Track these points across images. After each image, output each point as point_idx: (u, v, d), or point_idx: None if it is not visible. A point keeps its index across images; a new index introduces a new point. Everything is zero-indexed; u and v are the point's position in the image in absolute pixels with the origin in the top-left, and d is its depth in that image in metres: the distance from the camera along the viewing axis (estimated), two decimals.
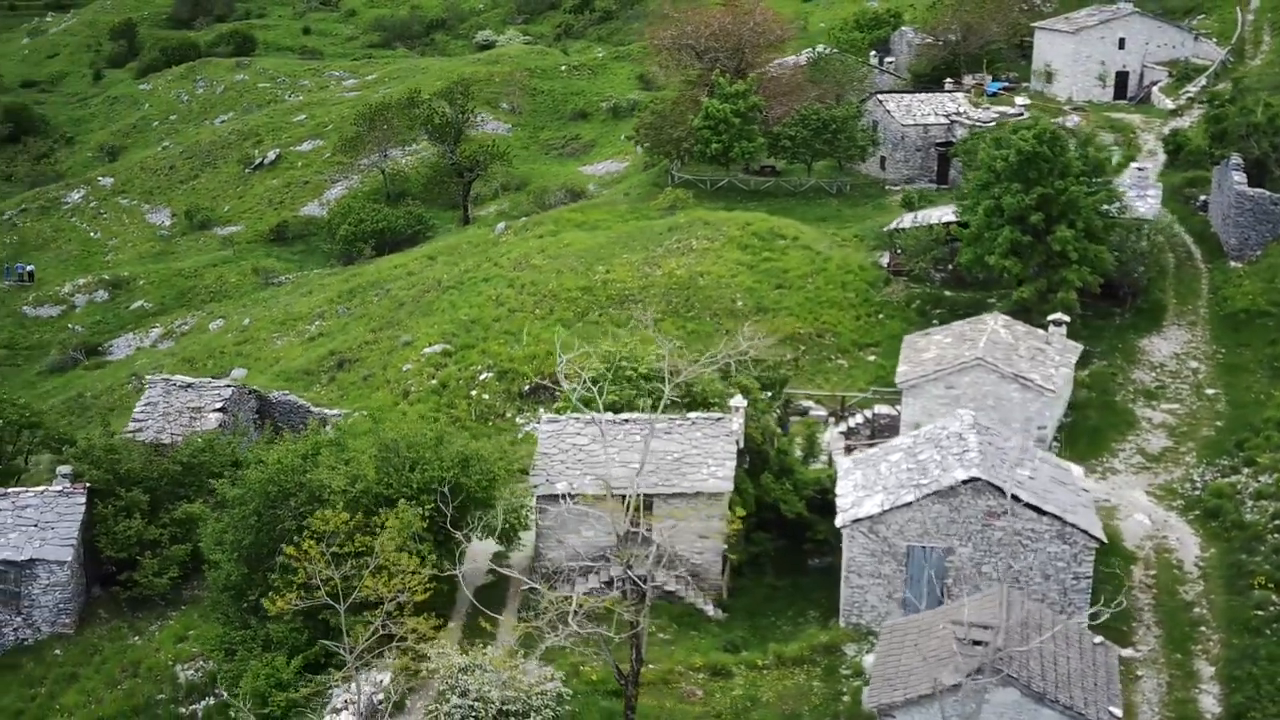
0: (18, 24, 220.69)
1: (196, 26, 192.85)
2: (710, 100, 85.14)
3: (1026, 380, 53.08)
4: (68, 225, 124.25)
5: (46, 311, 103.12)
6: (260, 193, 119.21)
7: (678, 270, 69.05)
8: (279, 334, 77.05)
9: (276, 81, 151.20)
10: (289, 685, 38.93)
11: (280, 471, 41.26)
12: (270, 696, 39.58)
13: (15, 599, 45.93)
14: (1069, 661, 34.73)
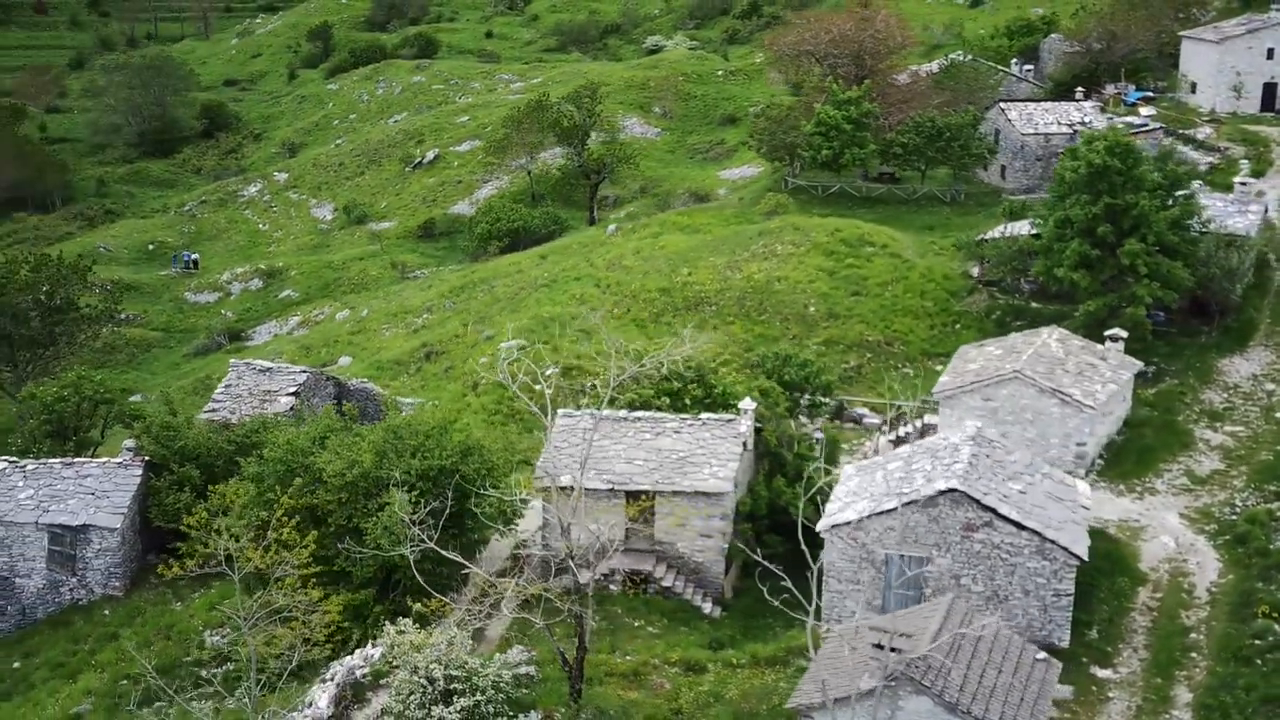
0: (231, 25, 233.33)
1: (390, 29, 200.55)
2: (823, 106, 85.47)
3: (1065, 395, 52.39)
4: (240, 217, 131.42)
5: (205, 298, 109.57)
6: (416, 191, 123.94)
7: (757, 274, 69.86)
8: (388, 325, 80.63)
9: (450, 83, 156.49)
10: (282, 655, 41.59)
11: (289, 453, 44.07)
12: (265, 665, 42.42)
13: (71, 561, 49.86)
14: (999, 675, 34.68)
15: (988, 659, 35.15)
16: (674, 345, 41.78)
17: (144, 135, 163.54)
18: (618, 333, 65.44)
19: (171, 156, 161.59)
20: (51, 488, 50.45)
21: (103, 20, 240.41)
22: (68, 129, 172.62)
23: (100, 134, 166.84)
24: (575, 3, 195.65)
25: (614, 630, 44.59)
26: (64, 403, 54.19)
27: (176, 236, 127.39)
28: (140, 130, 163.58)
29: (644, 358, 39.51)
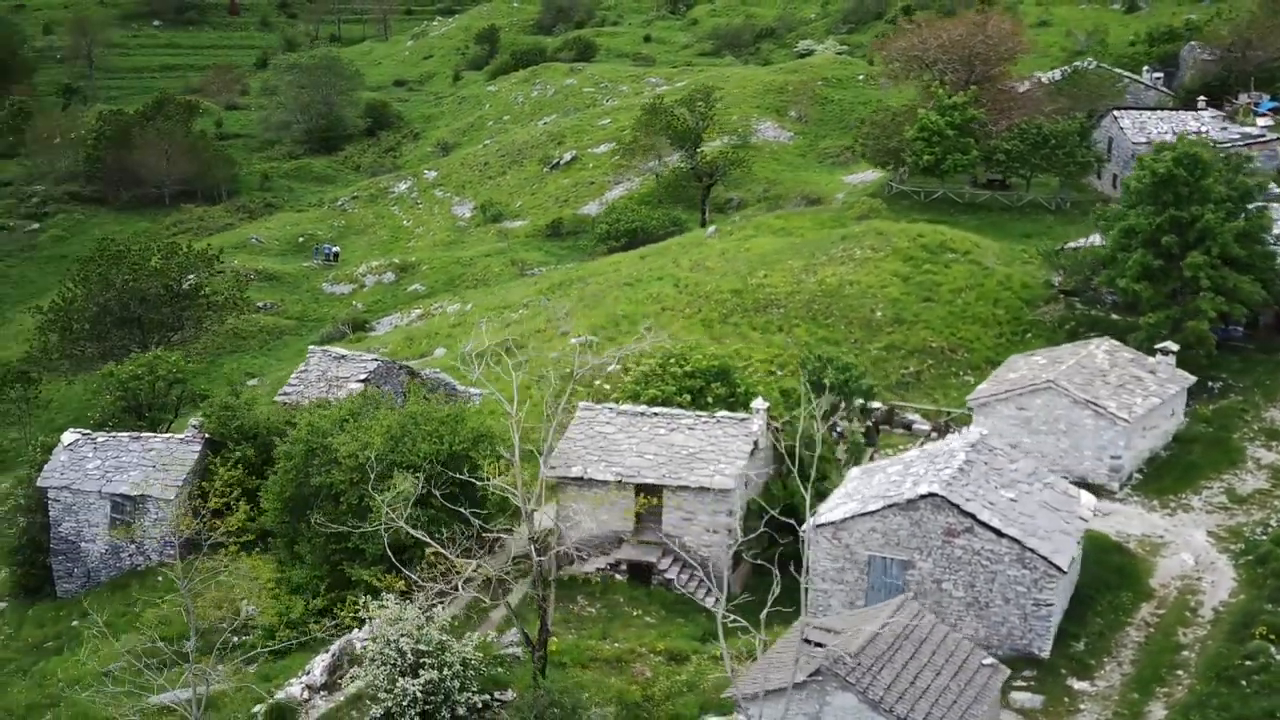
0: (410, 27, 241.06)
1: (555, 33, 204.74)
2: (926, 112, 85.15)
3: (1099, 407, 51.84)
4: (387, 213, 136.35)
5: (340, 289, 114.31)
6: (551, 191, 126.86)
7: (830, 278, 70.25)
8: (486, 318, 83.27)
9: (599, 86, 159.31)
10: (297, 624, 44.29)
11: (311, 434, 46.70)
12: (278, 633, 45.18)
13: (131, 529, 53.52)
14: (936, 677, 35.03)
15: (928, 661, 35.50)
16: (636, 340, 42.92)
17: (311, 133, 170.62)
18: (685, 332, 66.87)
19: (334, 154, 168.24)
20: (117, 459, 54.22)
21: (290, 21, 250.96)
22: (243, 125, 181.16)
23: (271, 131, 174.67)
24: (734, 7, 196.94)
25: (611, 618, 46.00)
26: (138, 381, 58.10)
27: (326, 230, 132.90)
28: (308, 128, 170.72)
29: (607, 353, 40.78)
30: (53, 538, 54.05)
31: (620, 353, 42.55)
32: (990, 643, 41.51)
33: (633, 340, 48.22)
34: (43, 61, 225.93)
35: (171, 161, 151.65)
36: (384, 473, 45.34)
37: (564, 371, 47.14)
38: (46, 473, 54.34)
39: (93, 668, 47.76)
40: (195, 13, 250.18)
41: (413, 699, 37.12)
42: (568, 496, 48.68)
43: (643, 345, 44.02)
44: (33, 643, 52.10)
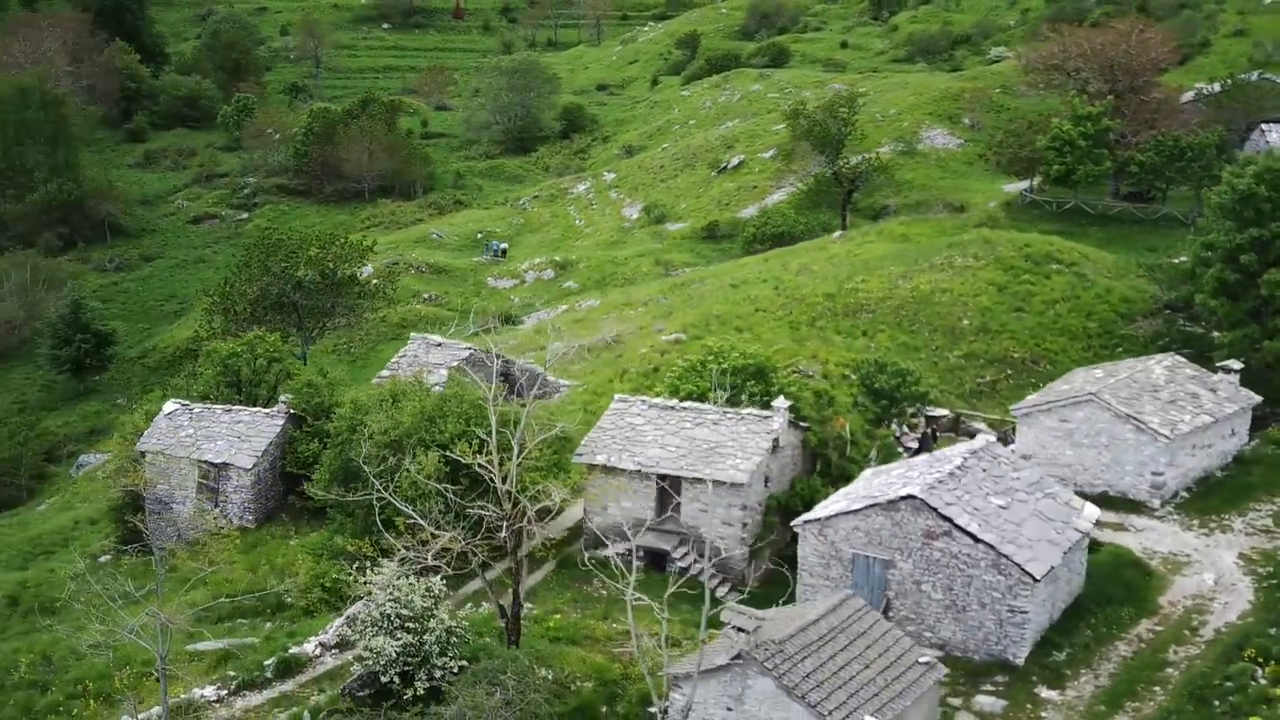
0: (620, 32, 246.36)
1: (757, 38, 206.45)
2: (1059, 121, 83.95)
3: (1141, 422, 51.16)
4: (563, 212, 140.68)
5: (503, 284, 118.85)
6: (714, 194, 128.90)
7: (924, 285, 70.42)
8: (607, 315, 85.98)
9: (784, 92, 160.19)
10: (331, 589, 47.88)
11: (354, 411, 50.18)
12: (309, 593, 48.87)
13: (214, 493, 58.11)
14: (864, 670, 35.96)
15: (859, 654, 36.45)
16: (590, 337, 44.60)
17: (508, 133, 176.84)
18: (771, 333, 68.17)
19: (528, 155, 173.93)
20: (208, 429, 58.91)
21: (510, 26, 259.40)
22: (447, 126, 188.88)
23: (472, 131, 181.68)
24: (935, 14, 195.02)
25: (618, 601, 47.94)
26: (237, 358, 62.78)
27: (504, 228, 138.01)
28: (505, 129, 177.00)
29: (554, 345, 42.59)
30: (147, 498, 59.07)
31: (575, 345, 44.34)
32: (967, 647, 42.05)
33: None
34: (277, 61, 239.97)
35: (373, 158, 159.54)
36: (414, 448, 48.68)
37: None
38: (145, 438, 59.48)
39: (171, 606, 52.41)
40: (421, 17, 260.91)
41: (390, 659, 39.84)
42: (594, 483, 50.89)
43: (598, 339, 45.58)
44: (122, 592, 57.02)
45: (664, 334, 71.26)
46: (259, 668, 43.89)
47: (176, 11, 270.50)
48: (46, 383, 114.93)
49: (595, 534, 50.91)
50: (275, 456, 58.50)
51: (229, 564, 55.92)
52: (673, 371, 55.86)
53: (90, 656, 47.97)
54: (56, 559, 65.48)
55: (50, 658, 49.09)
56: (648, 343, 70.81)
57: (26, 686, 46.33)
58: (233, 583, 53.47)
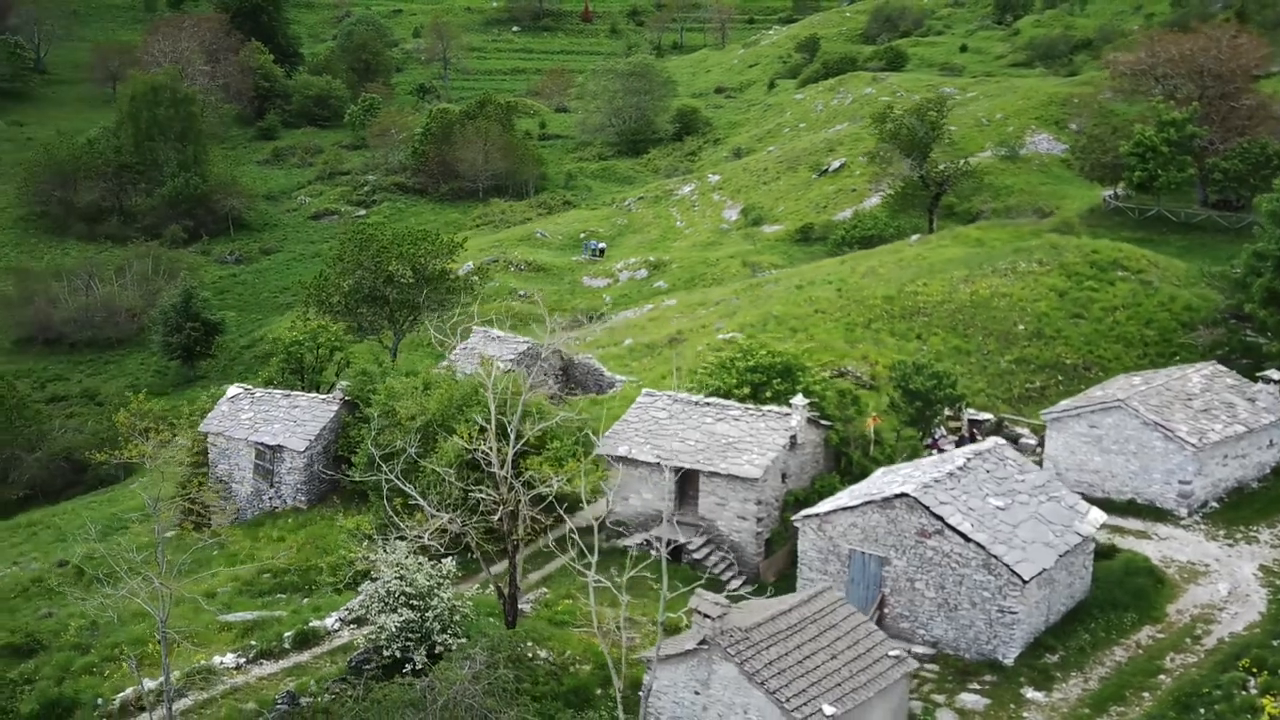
0: (745, 36, 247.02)
1: (878, 42, 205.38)
2: (1141, 127, 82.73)
3: (1168, 430, 50.67)
4: (666, 214, 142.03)
5: (598, 282, 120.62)
6: (813, 197, 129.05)
7: (984, 289, 70.19)
8: (679, 315, 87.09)
9: (895, 95, 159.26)
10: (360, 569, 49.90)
11: (389, 397, 52.17)
12: (340, 569, 50.97)
13: (269, 474, 60.67)
14: (830, 661, 36.58)
15: (827, 645, 37.09)
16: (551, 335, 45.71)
17: (622, 135, 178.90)
18: (826, 333, 68.65)
19: (640, 156, 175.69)
20: (267, 413, 61.51)
21: (637, 29, 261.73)
22: (564, 127, 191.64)
23: (586, 133, 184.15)
24: (1058, 18, 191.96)
25: (631, 588, 48.98)
26: (300, 346, 65.38)
27: (608, 228, 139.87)
28: (619, 131, 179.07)
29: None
30: (210, 477, 61.95)
31: (565, 337, 45.49)
32: (959, 645, 42.35)
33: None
34: (409, 62, 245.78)
35: (488, 158, 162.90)
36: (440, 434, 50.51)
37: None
38: (208, 420, 62.38)
39: (206, 589, 55.04)
40: (550, 20, 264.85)
41: (391, 634, 41.57)
42: (616, 473, 52.10)
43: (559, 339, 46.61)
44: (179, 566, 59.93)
45: (721, 333, 72.11)
46: (278, 639, 46.01)
47: (316, 13, 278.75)
48: (159, 368, 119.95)
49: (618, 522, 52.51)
50: (329, 441, 60.78)
51: (230, 539, 58.86)
52: (703, 368, 56.77)
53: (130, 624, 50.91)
54: (130, 533, 68.74)
55: (97, 623, 51.89)
56: (706, 340, 71.73)
57: (69, 649, 49.02)
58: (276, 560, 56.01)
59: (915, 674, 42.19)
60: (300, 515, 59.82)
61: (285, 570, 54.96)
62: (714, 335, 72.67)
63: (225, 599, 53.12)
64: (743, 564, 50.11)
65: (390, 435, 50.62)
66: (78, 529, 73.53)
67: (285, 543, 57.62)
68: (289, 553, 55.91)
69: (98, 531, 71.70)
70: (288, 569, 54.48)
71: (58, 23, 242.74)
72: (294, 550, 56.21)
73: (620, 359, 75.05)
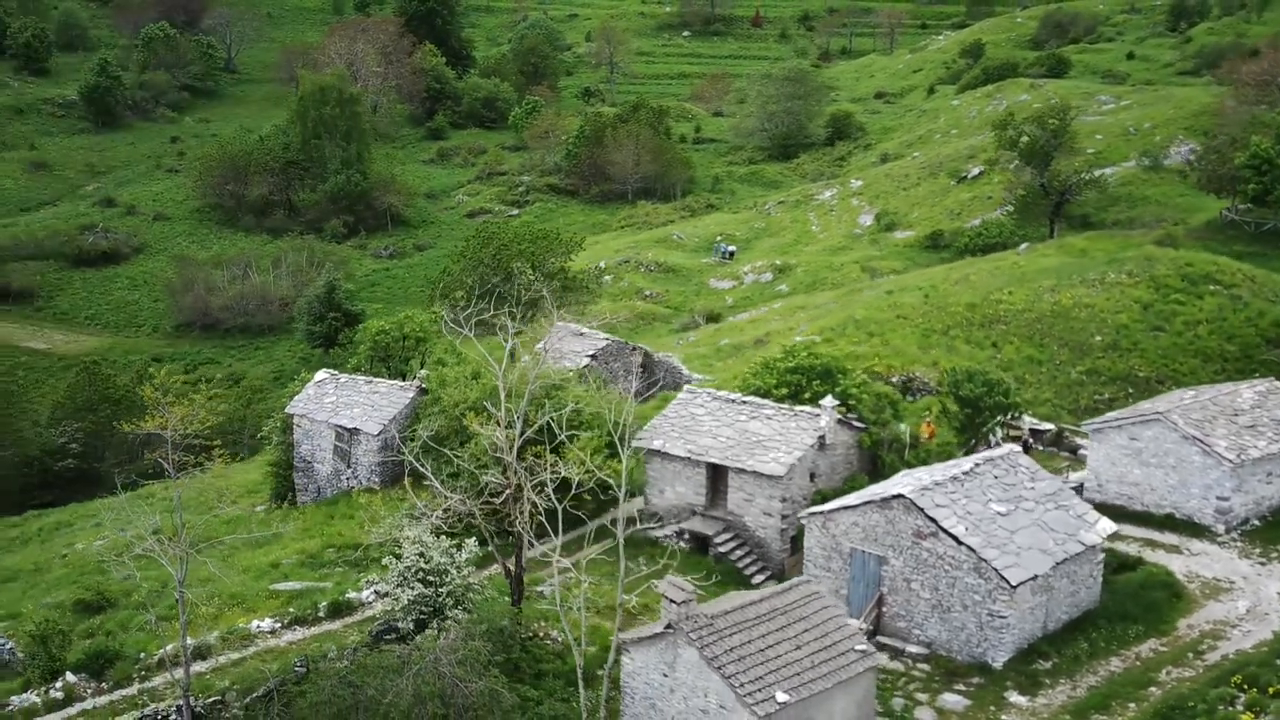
0: (914, 41, 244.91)
1: (1046, 48, 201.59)
2: (1258, 139, 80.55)
3: (1206, 445, 49.96)
4: (803, 218, 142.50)
5: (723, 285, 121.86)
6: (948, 204, 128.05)
7: (1067, 299, 69.57)
8: (779, 318, 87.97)
9: (1049, 103, 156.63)
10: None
11: (439, 385, 54.74)
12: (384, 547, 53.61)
13: (347, 456, 63.89)
14: (795, 651, 37.54)
15: (793, 636, 38.07)
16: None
17: (774, 140, 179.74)
18: (901, 339, 69.01)
19: (789, 161, 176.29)
20: (349, 398, 64.76)
21: (807, 35, 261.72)
22: (718, 131, 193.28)
23: (739, 137, 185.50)
24: (1233, 25, 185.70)
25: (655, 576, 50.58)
26: (385, 335, 68.55)
27: (746, 231, 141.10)
28: (771, 135, 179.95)
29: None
30: (295, 457, 65.52)
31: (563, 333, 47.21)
32: (951, 647, 42.82)
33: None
34: (579, 66, 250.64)
35: (639, 161, 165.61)
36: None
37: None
38: (294, 402, 65.96)
39: (274, 559, 58.51)
40: (721, 25, 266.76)
41: (405, 607, 44.00)
42: (652, 467, 53.74)
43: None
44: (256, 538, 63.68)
45: (800, 335, 72.95)
46: (313, 608, 48.90)
47: (496, 17, 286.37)
48: (304, 355, 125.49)
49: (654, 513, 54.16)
50: (403, 426, 63.61)
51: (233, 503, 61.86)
52: (748, 368, 57.92)
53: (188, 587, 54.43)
54: (234, 507, 72.95)
55: (164, 584, 55.69)
56: (786, 342, 72.61)
57: (133, 607, 52.83)
58: (342, 536, 59.16)
59: (906, 673, 42.94)
60: (374, 494, 62.75)
61: (349, 546, 58.05)
62: (788, 336, 73.50)
63: (287, 570, 56.48)
64: (767, 559, 51.13)
65: (434, 420, 53.06)
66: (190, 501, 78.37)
67: (353, 520, 60.71)
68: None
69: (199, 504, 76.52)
70: (353, 545, 57.52)
71: (250, 24, 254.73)
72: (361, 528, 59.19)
73: (706, 359, 76.50)
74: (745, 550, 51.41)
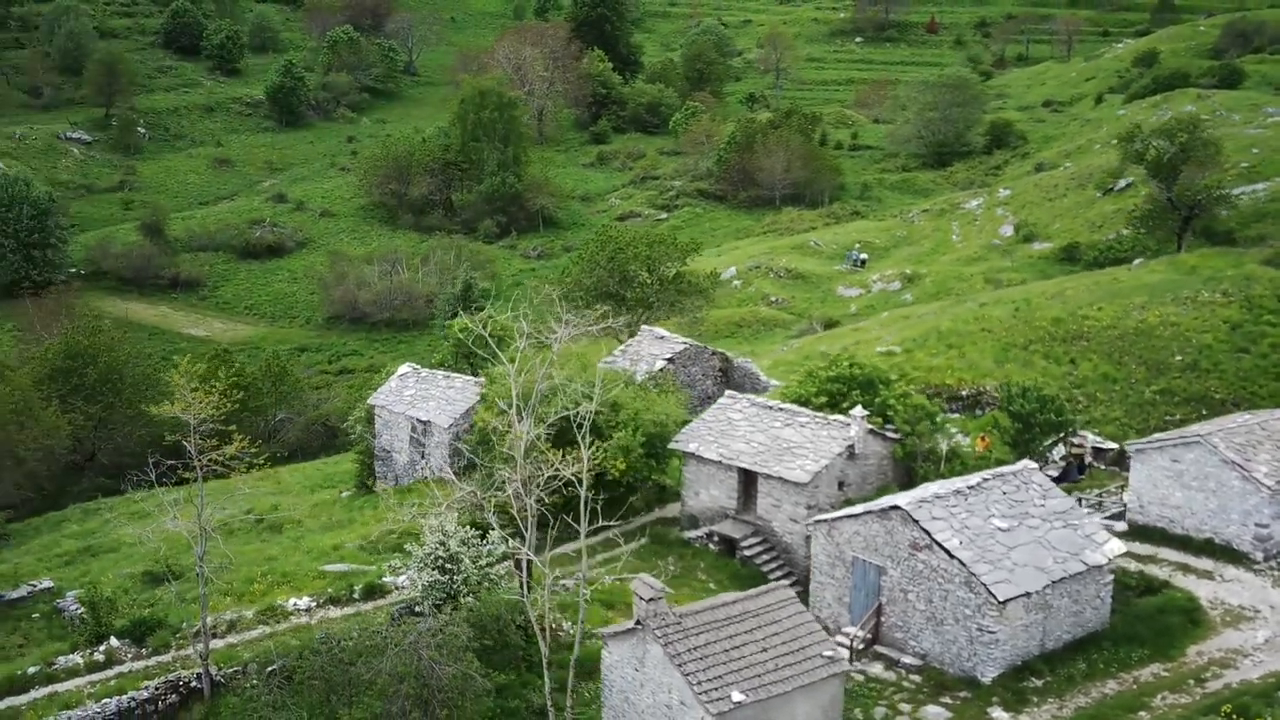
0: (1092, 49, 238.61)
1: (1225, 58, 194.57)
2: None
3: (1245, 470, 48.66)
4: (945, 227, 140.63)
5: (851, 292, 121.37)
6: (1091, 216, 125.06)
7: (1154, 317, 67.96)
8: (881, 326, 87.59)
9: (1215, 114, 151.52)
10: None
11: (491, 381, 56.69)
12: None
13: (421, 446, 66.39)
14: (761, 654, 38.21)
15: (762, 639, 38.72)
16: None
17: (930, 148, 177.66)
18: (978, 353, 68.48)
19: (943, 169, 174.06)
20: (426, 391, 67.29)
21: (983, 41, 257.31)
22: (875, 139, 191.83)
23: (895, 144, 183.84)
24: None
25: (679, 576, 51.51)
26: (466, 332, 70.87)
27: (884, 239, 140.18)
28: (927, 143, 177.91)
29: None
30: (376, 446, 68.32)
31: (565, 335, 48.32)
32: (943, 659, 42.85)
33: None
34: (749, 71, 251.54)
35: (789, 167, 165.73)
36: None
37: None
38: (377, 394, 68.82)
39: (339, 542, 61.29)
40: (895, 31, 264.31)
41: (423, 590, 46.00)
42: (689, 469, 54.71)
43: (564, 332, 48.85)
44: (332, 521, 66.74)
45: (882, 345, 72.85)
46: (349, 589, 51.29)
47: (671, 23, 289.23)
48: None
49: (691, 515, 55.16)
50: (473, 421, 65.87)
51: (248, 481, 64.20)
52: (795, 376, 58.35)
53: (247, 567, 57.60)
54: (324, 493, 76.41)
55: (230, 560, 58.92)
56: (867, 352, 72.65)
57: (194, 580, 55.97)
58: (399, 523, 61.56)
59: (896, 683, 43.09)
60: (444, 486, 65.16)
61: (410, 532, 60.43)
62: (868, 346, 73.46)
63: (345, 553, 59.14)
64: (793, 564, 51.60)
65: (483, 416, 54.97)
66: (294, 484, 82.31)
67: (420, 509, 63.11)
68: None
69: (302, 488, 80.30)
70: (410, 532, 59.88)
71: (431, 28, 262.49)
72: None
73: (791, 365, 76.83)
74: (772, 555, 51.99)
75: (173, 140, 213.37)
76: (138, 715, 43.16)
